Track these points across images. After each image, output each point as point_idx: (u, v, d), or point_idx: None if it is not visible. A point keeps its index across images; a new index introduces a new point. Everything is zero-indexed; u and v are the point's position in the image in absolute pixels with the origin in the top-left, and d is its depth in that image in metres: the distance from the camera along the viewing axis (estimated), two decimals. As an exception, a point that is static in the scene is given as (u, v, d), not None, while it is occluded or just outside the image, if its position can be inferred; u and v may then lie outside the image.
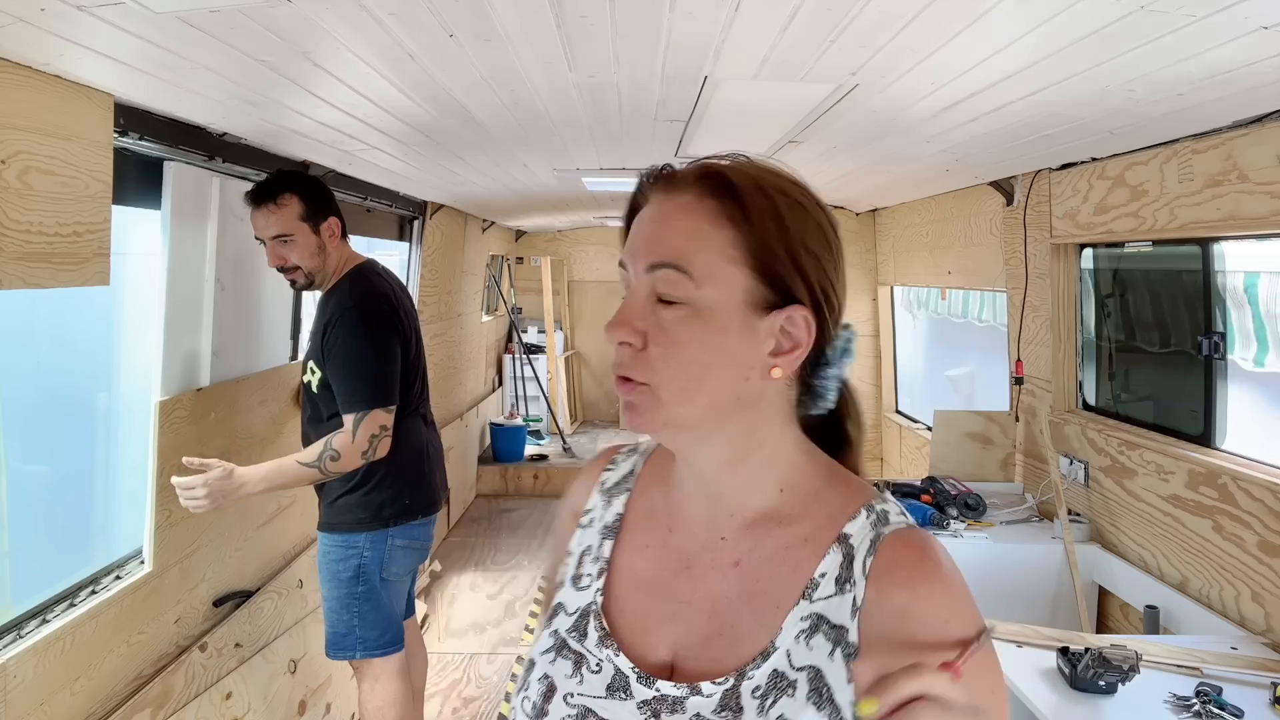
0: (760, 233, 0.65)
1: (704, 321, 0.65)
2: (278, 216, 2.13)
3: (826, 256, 0.67)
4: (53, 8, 1.17)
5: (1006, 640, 1.87)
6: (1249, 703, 1.61)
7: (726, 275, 0.65)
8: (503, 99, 1.94)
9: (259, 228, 2.15)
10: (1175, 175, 2.11)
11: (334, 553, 2.25)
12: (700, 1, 1.28)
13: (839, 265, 0.68)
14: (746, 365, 0.66)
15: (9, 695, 1.55)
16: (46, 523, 2.27)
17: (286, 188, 2.15)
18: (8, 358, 2.09)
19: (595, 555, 0.75)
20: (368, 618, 2.26)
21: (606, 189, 4.02)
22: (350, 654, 2.27)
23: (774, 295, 0.65)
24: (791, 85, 1.78)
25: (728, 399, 0.66)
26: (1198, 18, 1.21)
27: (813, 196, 0.69)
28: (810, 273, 0.66)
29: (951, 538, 2.55)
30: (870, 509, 0.67)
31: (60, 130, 1.53)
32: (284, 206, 2.14)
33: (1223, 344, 2.20)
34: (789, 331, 0.66)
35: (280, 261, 2.17)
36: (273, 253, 2.16)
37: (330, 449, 2.12)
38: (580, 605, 0.73)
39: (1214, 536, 2.04)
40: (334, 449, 2.12)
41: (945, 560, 0.64)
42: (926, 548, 0.64)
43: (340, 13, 1.29)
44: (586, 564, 0.76)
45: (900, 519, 0.67)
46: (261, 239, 2.16)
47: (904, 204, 4.08)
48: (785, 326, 0.66)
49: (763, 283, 0.65)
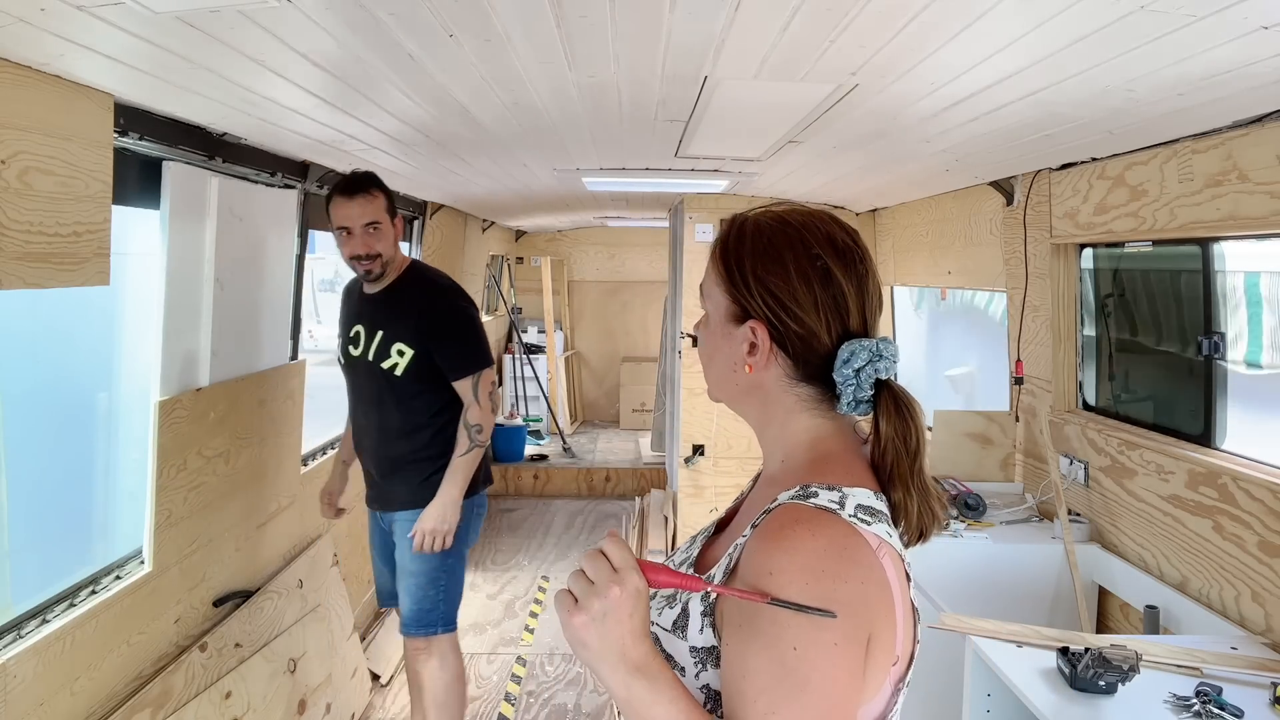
0: (726, 265, 0.90)
1: (708, 326, 0.94)
2: (372, 206, 2.31)
3: (778, 283, 0.86)
4: (53, 8, 1.17)
5: (1007, 640, 1.87)
6: (1249, 703, 1.61)
7: (715, 295, 0.92)
8: (503, 99, 1.94)
9: (349, 216, 2.29)
10: (1175, 175, 2.11)
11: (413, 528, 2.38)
12: (700, 1, 1.28)
13: (805, 289, 0.85)
14: (732, 360, 0.90)
15: (9, 695, 1.55)
16: (46, 523, 2.27)
17: (375, 183, 2.35)
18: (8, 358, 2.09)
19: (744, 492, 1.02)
20: (451, 591, 2.44)
21: (606, 189, 4.02)
22: (432, 630, 2.40)
23: (740, 310, 0.89)
24: (791, 85, 1.78)
25: (729, 383, 0.92)
26: (1198, 18, 1.21)
27: (791, 237, 0.87)
28: (756, 293, 0.87)
29: (952, 538, 2.55)
30: (804, 487, 0.82)
31: (60, 130, 1.53)
32: (375, 199, 2.32)
33: (1223, 344, 2.20)
34: (753, 340, 0.87)
35: (366, 249, 2.31)
36: (360, 241, 2.31)
37: (471, 426, 2.37)
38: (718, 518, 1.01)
39: (1214, 536, 2.04)
40: (473, 424, 2.37)
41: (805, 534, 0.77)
42: (793, 519, 0.78)
43: (340, 13, 1.29)
44: None
45: (814, 500, 0.80)
46: (345, 228, 2.30)
47: (904, 204, 4.08)
48: (751, 335, 0.87)
49: (732, 301, 0.90)
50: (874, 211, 4.48)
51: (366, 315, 2.43)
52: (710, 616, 0.82)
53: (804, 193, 4.04)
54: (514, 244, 8.09)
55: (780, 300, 0.86)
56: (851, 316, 0.86)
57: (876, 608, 0.77)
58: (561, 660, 3.70)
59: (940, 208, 3.67)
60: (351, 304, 2.52)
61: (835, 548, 0.76)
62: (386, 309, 2.40)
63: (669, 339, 5.47)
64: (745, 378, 0.89)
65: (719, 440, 4.61)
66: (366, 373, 2.41)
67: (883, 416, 0.85)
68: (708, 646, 0.82)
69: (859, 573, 0.76)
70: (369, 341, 2.40)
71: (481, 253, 6.17)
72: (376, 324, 2.40)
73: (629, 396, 8.23)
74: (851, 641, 0.74)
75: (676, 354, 4.81)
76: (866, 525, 0.79)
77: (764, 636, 0.74)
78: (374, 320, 2.41)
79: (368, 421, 2.45)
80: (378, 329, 2.39)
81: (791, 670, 0.73)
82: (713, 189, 3.98)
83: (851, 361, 0.84)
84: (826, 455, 0.87)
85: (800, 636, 0.73)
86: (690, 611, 0.84)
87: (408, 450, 2.42)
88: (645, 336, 8.46)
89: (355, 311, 2.47)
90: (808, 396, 0.88)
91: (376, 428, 2.43)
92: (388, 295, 2.42)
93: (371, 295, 2.44)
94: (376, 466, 2.47)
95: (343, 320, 2.53)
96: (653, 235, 8.03)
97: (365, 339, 2.41)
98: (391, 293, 2.42)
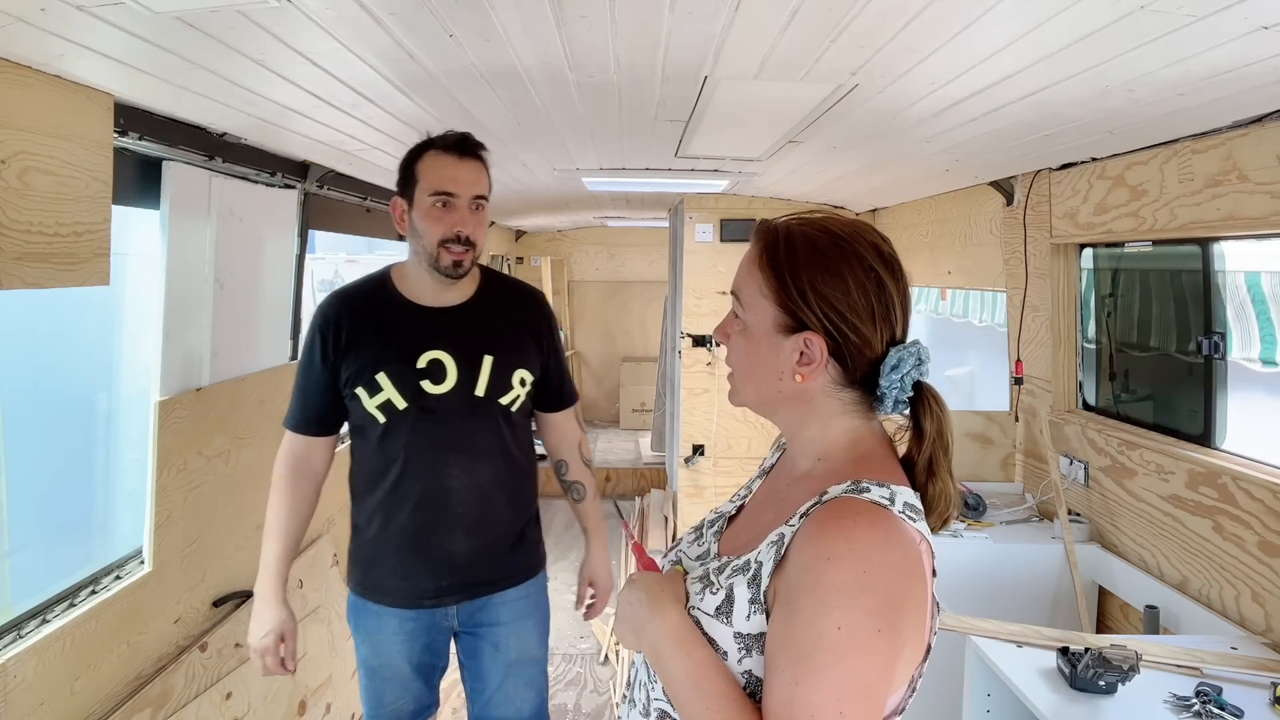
0: (777, 276, 0.89)
1: (747, 336, 0.93)
2: (484, 178, 1.77)
3: (839, 296, 0.87)
4: (53, 8, 1.17)
5: (1007, 640, 1.87)
6: (1249, 703, 1.61)
7: (760, 306, 0.91)
8: (503, 99, 1.94)
9: (458, 180, 1.70)
10: (1175, 175, 2.11)
11: (538, 599, 1.93)
12: (700, 1, 1.28)
13: (864, 301, 0.87)
14: (778, 370, 0.90)
15: (9, 695, 1.55)
16: (47, 523, 2.27)
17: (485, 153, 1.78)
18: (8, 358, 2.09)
19: (750, 486, 1.08)
20: None
21: (606, 189, 4.02)
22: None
23: (792, 322, 0.89)
24: (791, 85, 1.78)
25: (772, 391, 0.92)
26: (1198, 17, 1.21)
27: (847, 246, 0.88)
28: (815, 306, 0.87)
29: (952, 538, 2.55)
30: (856, 483, 0.84)
31: (60, 130, 1.53)
32: (485, 172, 1.78)
33: (1223, 344, 2.20)
34: (806, 350, 0.88)
35: (466, 229, 1.72)
36: (461, 217, 1.71)
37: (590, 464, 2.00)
38: (726, 511, 1.06)
39: (1214, 536, 2.04)
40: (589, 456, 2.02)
41: (864, 525, 0.80)
42: (851, 510, 0.81)
43: (340, 13, 1.29)
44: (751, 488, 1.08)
45: (866, 495, 0.83)
46: (447, 194, 1.70)
47: (904, 204, 4.08)
48: (804, 345, 0.88)
49: (783, 313, 0.89)
50: (874, 211, 4.48)
51: (449, 336, 1.77)
52: (761, 602, 0.84)
53: (804, 193, 4.04)
54: (514, 244, 8.09)
55: (840, 312, 0.87)
56: (898, 324, 0.90)
57: (917, 602, 0.81)
58: (561, 660, 3.70)
59: (940, 208, 3.67)
60: (395, 323, 1.78)
61: (890, 541, 0.80)
62: (486, 325, 1.81)
63: (669, 339, 5.47)
64: (791, 386, 0.90)
65: (719, 440, 4.61)
66: (466, 414, 1.77)
67: (925, 416, 0.90)
68: (755, 633, 0.84)
69: (907, 567, 0.80)
70: (469, 370, 1.77)
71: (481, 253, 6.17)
72: (477, 346, 1.78)
73: (629, 396, 8.23)
74: (893, 633, 0.77)
75: (676, 354, 4.81)
76: (913, 522, 0.83)
77: (810, 612, 0.77)
78: (468, 342, 1.78)
79: (458, 483, 1.77)
80: (482, 352, 1.78)
81: (829, 646, 0.75)
82: (713, 189, 3.98)
83: (900, 367, 0.88)
84: (867, 455, 0.90)
85: (847, 618, 0.76)
86: (736, 597, 0.85)
87: (508, 511, 1.85)
88: (645, 336, 8.47)
89: (420, 333, 1.77)
90: (850, 400, 0.91)
91: (476, 488, 1.79)
92: (479, 307, 1.83)
93: (447, 310, 1.80)
94: (466, 542, 1.79)
95: (386, 348, 1.76)
96: (653, 235, 8.03)
97: (460, 368, 1.76)
98: (483, 303, 1.84)
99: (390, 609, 1.81)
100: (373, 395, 1.74)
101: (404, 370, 1.74)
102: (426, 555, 1.78)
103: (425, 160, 1.72)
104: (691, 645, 0.84)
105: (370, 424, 1.76)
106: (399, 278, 1.82)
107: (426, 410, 1.75)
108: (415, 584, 1.80)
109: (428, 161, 1.71)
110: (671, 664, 0.84)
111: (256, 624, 1.75)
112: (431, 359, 1.75)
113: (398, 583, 1.80)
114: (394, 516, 1.78)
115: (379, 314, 1.79)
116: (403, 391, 1.74)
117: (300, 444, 1.84)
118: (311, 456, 1.85)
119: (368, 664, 1.88)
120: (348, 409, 1.80)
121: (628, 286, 8.57)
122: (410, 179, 1.73)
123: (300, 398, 1.83)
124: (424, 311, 1.79)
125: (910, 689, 0.85)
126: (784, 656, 0.78)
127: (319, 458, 1.86)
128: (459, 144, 1.72)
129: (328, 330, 1.77)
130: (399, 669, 1.86)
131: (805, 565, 0.79)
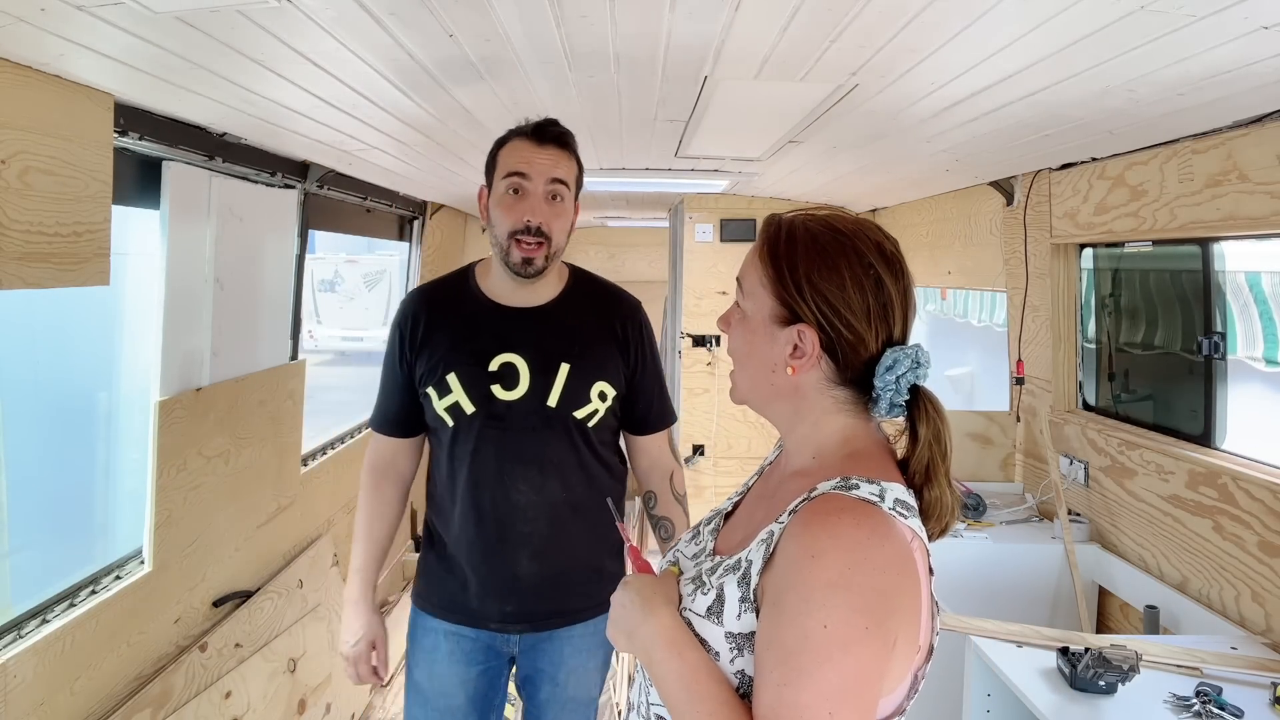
0: (775, 268, 0.90)
1: (745, 325, 0.94)
2: (565, 164, 1.62)
3: (834, 290, 0.87)
4: (53, 8, 1.17)
5: (1007, 640, 1.87)
6: (1249, 703, 1.61)
7: (759, 295, 0.91)
8: (503, 99, 1.94)
9: (531, 162, 1.57)
10: (1175, 175, 2.11)
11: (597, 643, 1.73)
12: (700, 1, 1.28)
13: (859, 298, 0.87)
14: (771, 361, 0.91)
15: (9, 695, 1.55)
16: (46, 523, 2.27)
17: (574, 143, 1.65)
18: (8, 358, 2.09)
19: (747, 484, 1.08)
20: None
21: (606, 189, 4.01)
22: None
23: (788, 314, 0.89)
24: (791, 85, 1.78)
25: (765, 384, 0.93)
26: (1198, 17, 1.21)
27: (849, 243, 0.88)
28: (810, 299, 0.87)
29: (952, 538, 2.54)
30: (846, 479, 0.84)
31: (60, 130, 1.53)
32: (570, 159, 1.64)
33: (1223, 344, 2.20)
34: (799, 343, 0.88)
35: (537, 218, 1.57)
36: (533, 205, 1.57)
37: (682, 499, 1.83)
38: (722, 510, 1.06)
39: (1214, 536, 2.04)
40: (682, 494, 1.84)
41: (849, 521, 0.79)
42: (837, 507, 0.81)
43: (340, 13, 1.29)
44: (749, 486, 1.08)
45: (855, 491, 0.82)
46: (520, 175, 1.57)
47: (904, 204, 4.08)
48: (797, 339, 0.88)
49: (780, 304, 0.89)
50: (874, 211, 4.48)
51: (526, 339, 1.63)
52: (751, 601, 0.83)
53: (804, 193, 4.04)
54: (514, 244, 8.08)
55: (834, 307, 0.87)
56: (896, 324, 0.89)
57: (908, 598, 0.80)
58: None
59: (940, 208, 3.67)
60: (471, 322, 1.66)
61: (877, 537, 0.79)
62: (567, 330, 1.67)
63: (669, 339, 5.47)
64: (784, 380, 0.90)
65: (719, 440, 4.61)
66: (537, 424, 1.63)
67: (920, 420, 0.89)
68: (745, 632, 0.83)
69: (896, 563, 0.79)
70: (543, 378, 1.62)
71: (481, 253, 6.17)
72: (554, 352, 1.64)
73: (629, 396, 8.21)
74: (882, 629, 0.76)
75: (676, 354, 4.81)
76: (903, 519, 0.82)
77: (796, 611, 0.76)
78: (545, 347, 1.64)
79: (526, 499, 1.63)
80: (559, 360, 1.63)
81: (816, 645, 0.75)
82: (713, 189, 3.98)
83: (895, 369, 0.87)
84: (860, 452, 0.90)
85: (832, 615, 0.75)
86: (726, 597, 0.85)
87: (584, 537, 1.69)
88: (645, 336, 8.46)
89: (494, 333, 1.64)
90: (844, 399, 0.91)
91: (545, 506, 1.64)
92: (562, 309, 1.69)
93: (527, 311, 1.66)
94: (534, 566, 1.65)
95: (458, 347, 1.64)
96: (653, 235, 8.01)
97: (532, 374, 1.62)
98: (567, 306, 1.70)
99: (451, 625, 1.68)
100: (442, 397, 1.62)
101: (475, 372, 1.62)
102: (492, 574, 1.65)
103: (507, 146, 1.61)
104: (684, 647, 0.84)
105: (441, 427, 1.65)
106: (482, 274, 1.71)
107: (495, 417, 1.62)
108: (479, 603, 1.66)
109: (509, 147, 1.61)
110: (663, 666, 0.84)
111: (347, 631, 1.68)
112: (504, 362, 1.62)
113: (462, 599, 1.67)
114: (463, 528, 1.65)
115: (456, 311, 1.67)
116: (471, 395, 1.61)
117: (384, 445, 1.76)
118: (396, 459, 1.76)
119: (420, 689, 1.71)
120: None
121: (628, 286, 8.50)
122: (491, 165, 1.63)
123: (383, 397, 1.74)
124: (502, 311, 1.66)
125: (912, 689, 0.84)
126: (771, 657, 0.77)
127: (404, 461, 1.77)
128: (537, 129, 1.60)
129: (406, 326, 1.68)
130: (452, 699, 1.69)
131: (791, 562, 0.79)
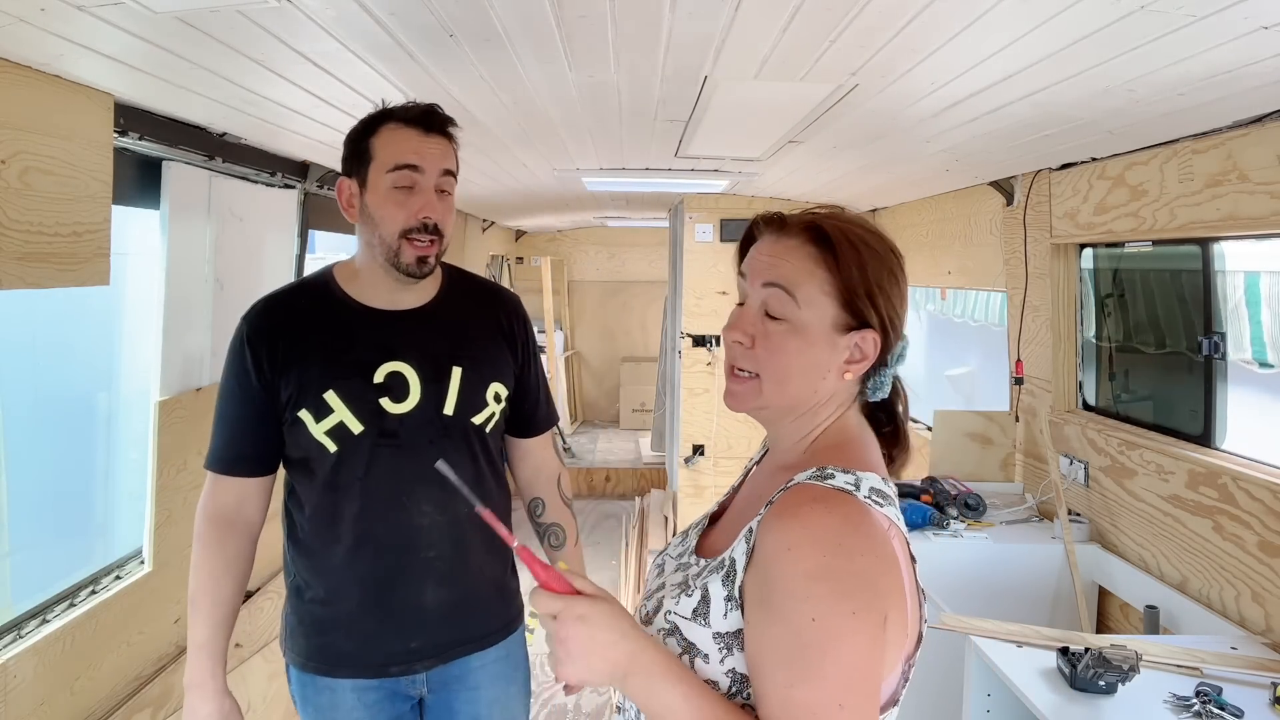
0: (846, 276, 0.88)
1: (800, 335, 0.89)
2: (452, 155, 1.47)
3: (895, 292, 0.90)
4: (53, 8, 1.17)
5: (1006, 640, 1.87)
6: (1249, 703, 1.61)
7: (821, 304, 0.88)
8: (503, 99, 1.94)
9: (422, 153, 1.41)
10: (1175, 175, 2.11)
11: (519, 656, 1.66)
12: (700, 1, 1.28)
13: (903, 295, 0.92)
14: (825, 369, 0.89)
15: (9, 695, 1.55)
16: (46, 523, 2.27)
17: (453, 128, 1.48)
18: (8, 358, 2.09)
19: (736, 484, 1.08)
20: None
21: (606, 189, 4.02)
22: None
23: (853, 320, 0.89)
24: (791, 85, 1.78)
25: (807, 392, 0.91)
26: (1198, 17, 1.21)
27: (888, 244, 0.92)
28: (881, 306, 0.89)
29: (952, 538, 2.55)
30: (821, 469, 0.85)
31: (60, 130, 1.53)
32: (453, 148, 1.48)
33: (1223, 344, 2.20)
34: (860, 346, 0.89)
35: (435, 215, 1.42)
36: (428, 200, 1.41)
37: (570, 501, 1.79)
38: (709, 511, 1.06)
39: (1214, 536, 2.04)
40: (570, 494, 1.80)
41: (821, 511, 0.80)
42: (809, 497, 0.82)
43: (340, 13, 1.29)
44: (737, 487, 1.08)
45: (829, 481, 0.83)
46: (411, 167, 1.40)
47: (904, 204, 4.08)
48: (858, 343, 0.89)
49: (846, 312, 0.89)
50: (874, 211, 4.48)
51: (410, 344, 1.47)
52: (736, 599, 0.84)
53: (804, 193, 4.04)
54: (514, 244, 8.09)
55: (895, 310, 0.91)
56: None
57: (890, 583, 0.80)
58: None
59: (940, 208, 3.67)
60: (344, 331, 1.47)
61: (850, 525, 0.80)
62: (453, 331, 1.52)
63: (669, 339, 5.47)
64: (829, 385, 0.91)
65: (719, 440, 4.62)
66: (434, 436, 1.47)
67: (899, 400, 0.98)
68: (733, 631, 0.83)
69: (873, 548, 0.80)
70: (435, 385, 1.47)
71: (481, 253, 6.17)
72: (444, 356, 1.49)
73: (629, 396, 8.23)
74: (870, 610, 0.77)
75: (676, 354, 4.81)
76: (879, 507, 0.83)
77: (783, 609, 0.77)
78: (433, 351, 1.49)
79: (430, 520, 1.47)
80: (450, 363, 1.49)
81: (811, 642, 0.75)
82: (713, 189, 3.99)
83: (901, 358, 0.93)
84: (853, 440, 0.92)
85: (818, 608, 0.75)
86: (711, 597, 0.86)
87: (486, 556, 1.55)
88: (645, 336, 8.48)
89: (374, 341, 1.46)
90: (855, 392, 0.95)
91: (450, 526, 1.48)
92: (444, 309, 1.53)
93: (406, 314, 1.50)
94: (440, 594, 1.49)
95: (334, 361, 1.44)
96: (653, 235, 8.03)
97: (423, 382, 1.46)
98: (449, 305, 1.54)
99: (346, 680, 1.49)
100: (320, 419, 1.41)
101: (358, 386, 1.43)
102: (392, 612, 1.47)
103: (383, 134, 1.41)
104: (680, 669, 0.81)
105: (318, 455, 1.43)
106: (345, 278, 1.50)
107: (387, 434, 1.43)
108: (379, 647, 1.47)
109: (386, 135, 1.41)
110: (667, 695, 0.78)
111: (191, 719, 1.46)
112: (390, 372, 1.44)
113: (356, 648, 1.47)
114: (350, 568, 1.45)
115: (323, 321, 1.46)
116: (358, 412, 1.42)
117: (229, 490, 1.47)
118: (244, 505, 1.48)
119: None
120: (285, 440, 1.46)
121: (628, 286, 8.58)
122: (362, 155, 1.42)
123: (225, 431, 1.47)
124: (379, 316, 1.48)
125: (903, 678, 0.85)
126: (770, 661, 0.77)
127: (253, 506, 1.50)
128: (424, 117, 1.42)
129: (259, 344, 1.43)
130: None
131: (769, 557, 0.80)
